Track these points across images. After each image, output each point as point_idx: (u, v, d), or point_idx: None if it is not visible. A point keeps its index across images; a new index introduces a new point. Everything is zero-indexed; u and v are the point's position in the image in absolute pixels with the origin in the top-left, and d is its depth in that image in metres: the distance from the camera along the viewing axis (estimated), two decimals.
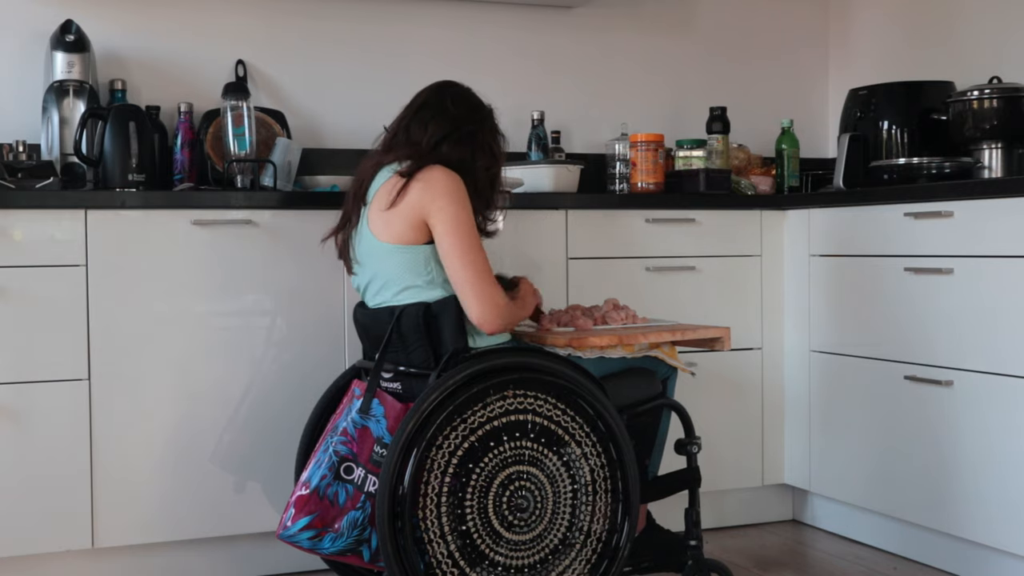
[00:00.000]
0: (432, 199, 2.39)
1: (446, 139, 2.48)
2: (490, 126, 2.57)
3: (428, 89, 2.59)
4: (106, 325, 2.73)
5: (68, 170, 3.01)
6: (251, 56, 3.41)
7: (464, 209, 2.41)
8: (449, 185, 2.41)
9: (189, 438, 2.81)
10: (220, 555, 2.90)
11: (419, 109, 2.54)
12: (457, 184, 2.42)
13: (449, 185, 2.41)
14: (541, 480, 2.32)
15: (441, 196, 2.40)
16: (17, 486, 2.67)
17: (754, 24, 4.01)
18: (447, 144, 2.48)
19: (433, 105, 2.53)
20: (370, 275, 2.51)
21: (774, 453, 3.40)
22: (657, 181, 3.40)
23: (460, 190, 2.42)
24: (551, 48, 3.75)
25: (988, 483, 2.74)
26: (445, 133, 2.49)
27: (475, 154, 2.50)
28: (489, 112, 2.58)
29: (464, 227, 2.41)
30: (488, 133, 2.55)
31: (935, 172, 3.16)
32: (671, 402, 2.62)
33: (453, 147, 2.48)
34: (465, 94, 2.58)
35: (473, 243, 2.41)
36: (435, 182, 2.41)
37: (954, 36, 3.62)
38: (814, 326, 3.29)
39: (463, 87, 2.59)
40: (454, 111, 2.52)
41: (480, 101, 2.59)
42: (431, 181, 2.41)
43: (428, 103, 2.54)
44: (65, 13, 3.10)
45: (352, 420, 2.37)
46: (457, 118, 2.51)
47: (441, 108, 2.52)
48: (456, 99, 2.54)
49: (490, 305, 2.39)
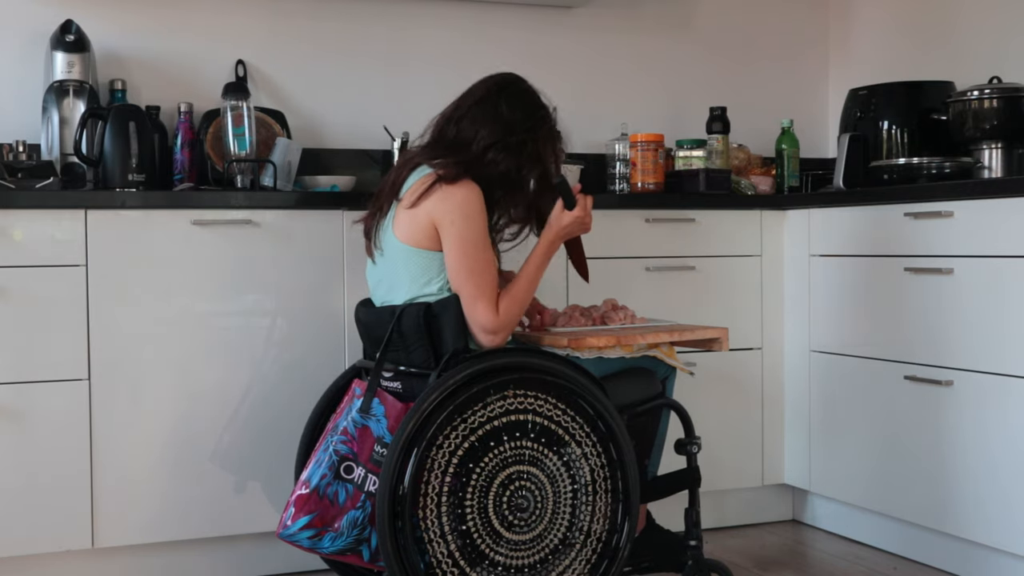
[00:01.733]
0: (446, 211, 2.38)
1: (494, 146, 2.44)
2: (544, 133, 2.50)
3: (486, 84, 2.51)
4: (106, 325, 2.73)
5: (68, 170, 3.01)
6: (251, 56, 3.41)
7: (475, 227, 2.39)
8: (466, 201, 2.39)
9: (189, 438, 2.81)
10: (220, 555, 2.90)
11: (473, 107, 2.48)
12: (475, 201, 2.40)
13: (466, 201, 2.39)
14: (541, 480, 2.32)
15: (454, 210, 2.38)
16: (17, 486, 2.67)
17: (754, 24, 4.01)
18: (494, 151, 2.44)
19: (487, 105, 2.47)
20: (381, 274, 2.51)
21: (774, 453, 3.40)
22: (657, 181, 3.40)
23: (476, 207, 2.40)
24: (551, 48, 3.75)
25: (988, 483, 2.74)
26: (494, 140, 2.44)
27: (521, 165, 2.46)
28: (544, 116, 2.51)
29: (470, 246, 2.39)
30: (541, 142, 2.49)
31: (935, 172, 3.16)
32: (671, 402, 2.62)
33: (500, 155, 2.44)
34: (522, 95, 2.51)
35: (476, 262, 2.39)
36: (453, 195, 2.39)
37: (954, 36, 3.62)
38: (814, 326, 3.29)
39: (523, 86, 2.53)
40: (508, 115, 2.46)
41: (537, 104, 2.51)
42: (450, 193, 2.39)
43: (483, 101, 2.48)
44: (65, 13, 3.10)
45: (352, 419, 2.37)
46: (510, 124, 2.45)
47: (495, 111, 2.46)
48: (512, 101, 2.48)
49: (480, 330, 2.39)
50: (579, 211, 2.50)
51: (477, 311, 2.39)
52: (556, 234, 2.51)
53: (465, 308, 2.40)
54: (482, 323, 2.39)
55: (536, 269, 2.49)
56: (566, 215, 2.50)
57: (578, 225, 2.52)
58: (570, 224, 2.51)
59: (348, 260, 2.91)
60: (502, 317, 2.41)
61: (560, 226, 2.51)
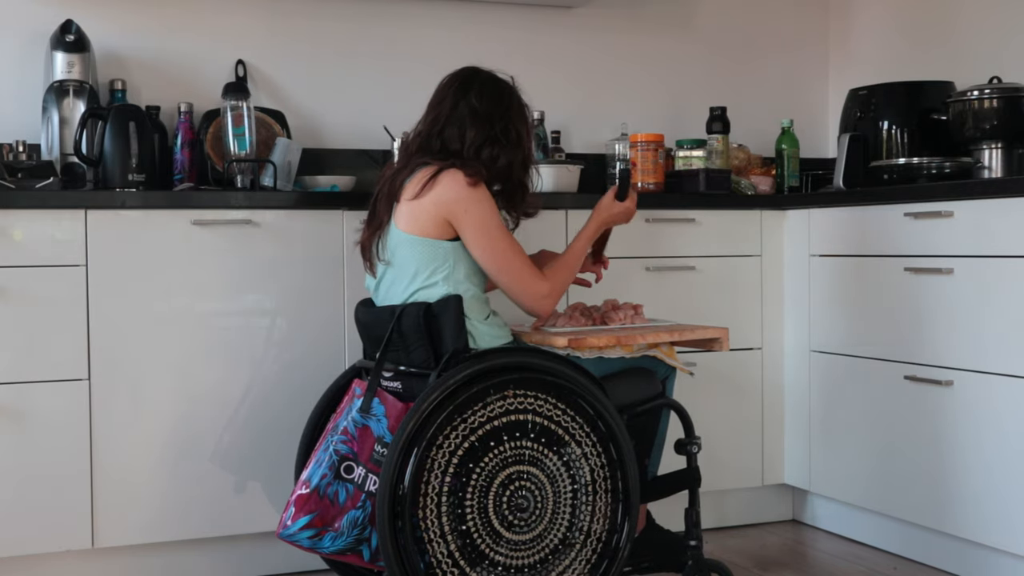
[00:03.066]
0: (457, 200, 2.40)
1: (486, 143, 2.47)
2: (516, 110, 2.53)
3: (451, 89, 2.53)
4: (106, 325, 2.73)
5: (68, 170, 3.01)
6: (251, 56, 3.41)
7: (490, 209, 2.43)
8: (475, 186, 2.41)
9: (189, 438, 2.81)
10: (220, 555, 2.90)
11: (450, 115, 2.49)
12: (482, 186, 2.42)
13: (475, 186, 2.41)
14: (541, 480, 2.32)
15: (465, 198, 2.40)
16: (17, 486, 2.67)
17: (754, 24, 4.02)
18: (488, 148, 2.47)
19: (462, 107, 2.48)
20: (384, 268, 2.50)
21: (774, 453, 3.40)
22: (657, 181, 3.40)
23: (484, 191, 2.43)
24: (551, 48, 3.75)
25: (988, 483, 2.74)
26: (484, 138, 2.47)
27: (513, 151, 2.49)
28: (510, 92, 2.54)
29: (494, 228, 2.43)
30: (516, 119, 2.51)
31: (935, 172, 3.16)
32: (671, 402, 2.62)
33: (494, 150, 2.47)
34: (485, 84, 2.52)
35: (503, 244, 2.44)
36: (459, 181, 2.40)
37: (954, 36, 3.62)
38: (814, 326, 3.29)
39: (482, 75, 2.54)
40: (483, 109, 2.48)
41: (502, 86, 2.54)
42: (456, 179, 2.40)
43: (456, 106, 2.49)
44: (65, 13, 3.10)
45: (353, 419, 2.37)
46: (489, 116, 2.48)
47: (471, 109, 2.48)
48: (480, 94, 2.50)
49: (536, 300, 2.48)
50: (630, 203, 2.64)
51: (527, 283, 2.46)
52: (605, 219, 2.64)
53: (511, 286, 2.47)
54: (537, 290, 2.47)
55: (582, 248, 2.61)
56: (617, 204, 2.63)
57: (624, 215, 2.66)
58: (620, 213, 2.64)
59: (348, 260, 2.91)
60: (552, 282, 2.50)
61: (610, 213, 2.64)
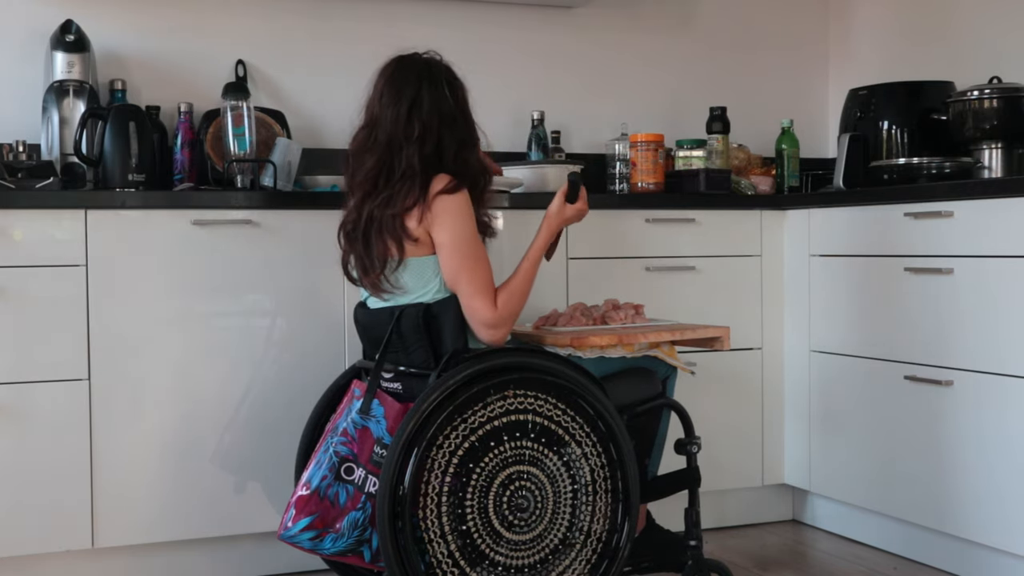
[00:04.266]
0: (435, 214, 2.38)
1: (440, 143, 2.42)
2: (449, 85, 2.46)
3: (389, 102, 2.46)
4: (106, 325, 2.73)
5: (68, 170, 3.01)
6: (251, 56, 3.41)
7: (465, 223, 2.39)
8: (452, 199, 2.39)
9: (189, 438, 2.81)
10: (220, 555, 2.90)
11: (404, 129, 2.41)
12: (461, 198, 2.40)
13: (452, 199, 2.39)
14: (541, 480, 2.32)
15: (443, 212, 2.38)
16: (17, 486, 2.67)
17: (754, 24, 4.02)
18: (446, 151, 2.43)
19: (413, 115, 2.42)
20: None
21: (774, 453, 3.40)
22: (657, 181, 3.40)
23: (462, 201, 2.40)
24: (551, 48, 3.75)
25: (988, 483, 2.74)
26: (436, 140, 2.42)
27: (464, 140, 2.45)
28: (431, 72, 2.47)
29: (462, 242, 2.38)
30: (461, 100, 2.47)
31: (935, 172, 3.16)
32: (671, 402, 2.62)
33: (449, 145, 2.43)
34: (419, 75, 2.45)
35: (468, 259, 2.39)
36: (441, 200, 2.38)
37: (954, 36, 3.62)
38: (814, 326, 3.29)
39: (399, 71, 2.48)
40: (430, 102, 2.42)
41: (430, 71, 2.47)
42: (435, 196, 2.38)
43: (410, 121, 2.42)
44: (65, 13, 3.10)
45: (352, 420, 2.37)
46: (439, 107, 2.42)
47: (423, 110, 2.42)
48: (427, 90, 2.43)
49: (481, 324, 2.40)
50: (581, 204, 2.56)
51: (475, 307, 2.39)
52: (558, 225, 2.56)
53: (464, 305, 2.40)
54: (482, 318, 2.39)
55: (534, 263, 2.50)
56: (568, 207, 2.55)
57: (577, 216, 2.58)
58: (572, 216, 2.57)
59: None
60: (501, 311, 2.41)
61: (563, 218, 2.55)
